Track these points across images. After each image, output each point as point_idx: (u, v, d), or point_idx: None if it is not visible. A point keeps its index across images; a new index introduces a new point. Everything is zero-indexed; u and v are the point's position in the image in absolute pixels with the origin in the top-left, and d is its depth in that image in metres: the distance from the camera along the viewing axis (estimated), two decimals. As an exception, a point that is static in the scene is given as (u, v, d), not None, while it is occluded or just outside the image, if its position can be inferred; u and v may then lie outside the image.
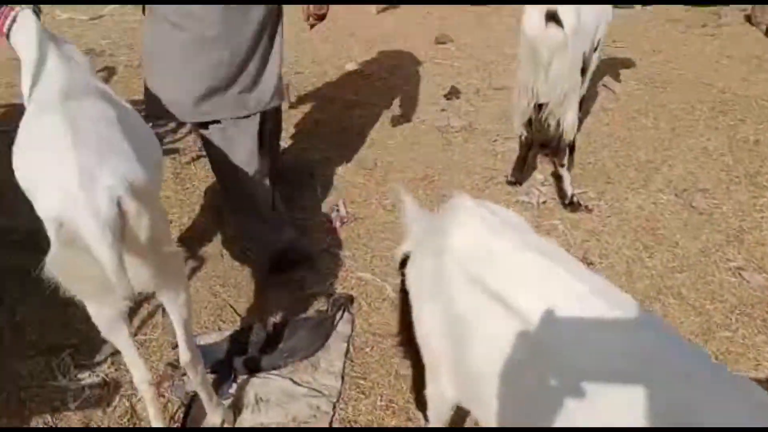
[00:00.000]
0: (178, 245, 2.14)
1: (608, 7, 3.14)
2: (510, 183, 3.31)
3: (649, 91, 4.30)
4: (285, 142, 3.70)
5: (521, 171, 3.31)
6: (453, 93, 4.28)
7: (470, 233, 1.29)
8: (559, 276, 1.16)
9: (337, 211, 3.06)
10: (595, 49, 3.11)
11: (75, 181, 1.32)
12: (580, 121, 3.34)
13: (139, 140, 1.59)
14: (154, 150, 1.78)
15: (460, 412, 1.60)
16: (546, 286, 1.15)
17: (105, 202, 1.33)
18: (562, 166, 3.10)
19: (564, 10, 2.68)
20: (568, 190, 3.11)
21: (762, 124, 3.84)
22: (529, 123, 3.02)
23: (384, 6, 5.86)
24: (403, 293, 1.47)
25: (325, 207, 3.13)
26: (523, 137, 3.18)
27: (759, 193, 3.22)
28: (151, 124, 2.13)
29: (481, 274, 1.22)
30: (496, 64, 4.73)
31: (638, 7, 5.67)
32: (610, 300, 1.11)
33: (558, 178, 3.16)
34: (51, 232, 1.32)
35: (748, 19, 5.43)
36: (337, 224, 2.97)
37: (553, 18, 2.67)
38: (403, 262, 1.48)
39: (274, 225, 2.57)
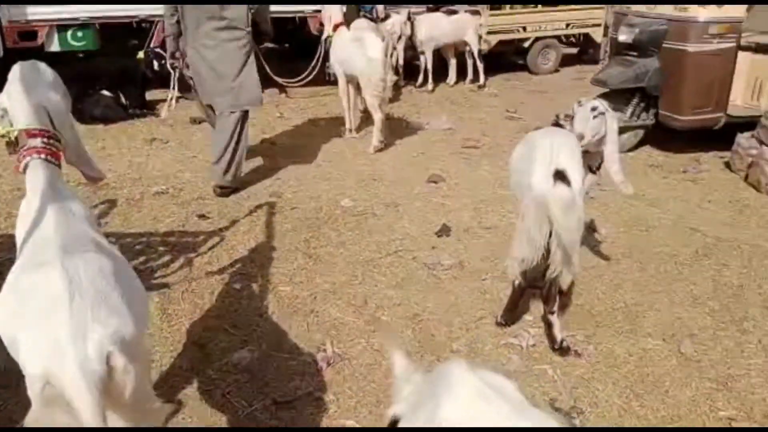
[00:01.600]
0: (157, 393, 2.11)
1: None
2: (499, 324, 3.31)
3: (634, 234, 4.42)
4: (277, 278, 3.76)
5: (512, 314, 3.33)
6: (444, 231, 4.41)
7: (463, 405, 1.28)
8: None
9: (324, 351, 3.04)
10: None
11: (66, 333, 1.35)
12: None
13: (131, 293, 1.64)
14: (143, 303, 1.82)
15: None
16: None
17: (95, 356, 1.34)
18: (552, 313, 3.12)
19: (571, 169, 2.81)
20: (558, 335, 3.11)
21: (746, 268, 3.93)
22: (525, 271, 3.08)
23: (380, 144, 6.16)
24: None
25: (311, 346, 3.11)
26: (516, 283, 3.23)
27: (745, 339, 3.22)
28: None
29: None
30: (486, 204, 4.90)
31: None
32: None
33: (548, 323, 3.18)
34: (33, 389, 1.32)
35: (728, 165, 5.70)
36: (323, 365, 2.94)
37: (560, 177, 2.77)
38: (393, 424, 1.46)
39: None
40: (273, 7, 5.59)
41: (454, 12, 9.02)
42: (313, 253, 4.09)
